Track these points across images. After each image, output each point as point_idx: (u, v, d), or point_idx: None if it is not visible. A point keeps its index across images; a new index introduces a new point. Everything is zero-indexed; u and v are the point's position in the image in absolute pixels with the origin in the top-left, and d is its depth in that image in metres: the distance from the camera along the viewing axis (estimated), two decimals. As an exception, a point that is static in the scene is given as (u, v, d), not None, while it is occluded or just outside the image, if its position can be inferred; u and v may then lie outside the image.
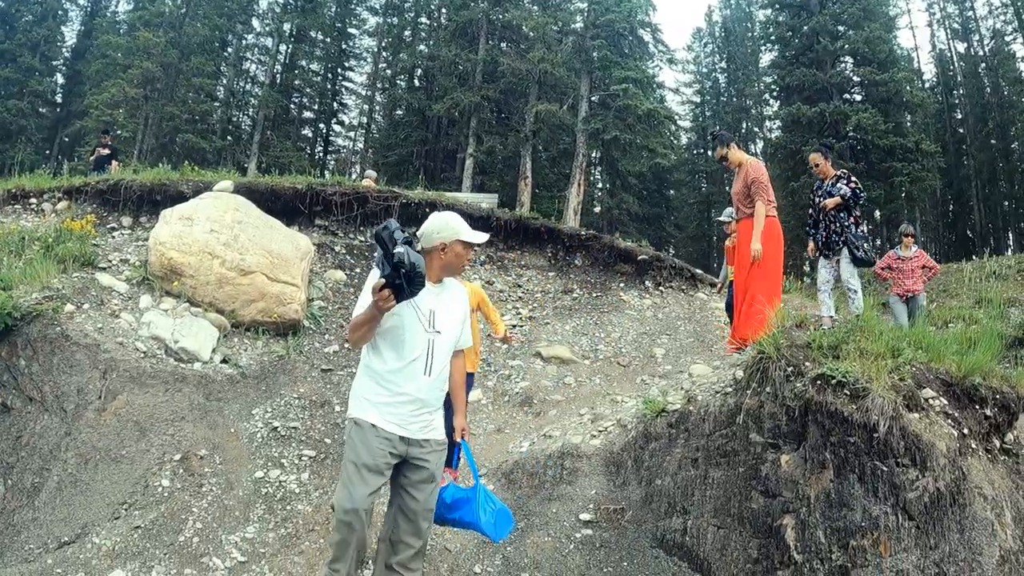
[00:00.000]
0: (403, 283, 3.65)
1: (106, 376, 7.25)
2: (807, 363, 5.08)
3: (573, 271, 13.32)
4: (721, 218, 10.04)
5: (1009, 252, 32.16)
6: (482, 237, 4.47)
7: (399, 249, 3.65)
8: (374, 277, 3.92)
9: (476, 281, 12.29)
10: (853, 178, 8.66)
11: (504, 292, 12.21)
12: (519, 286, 12.52)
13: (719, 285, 10.34)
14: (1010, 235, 47.67)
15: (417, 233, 4.33)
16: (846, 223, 8.51)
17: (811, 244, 9.00)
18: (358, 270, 11.41)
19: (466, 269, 12.41)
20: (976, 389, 5.31)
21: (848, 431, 4.61)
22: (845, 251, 8.48)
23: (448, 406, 4.53)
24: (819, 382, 4.84)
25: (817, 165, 9.01)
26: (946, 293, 17.91)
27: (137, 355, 7.78)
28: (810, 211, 9.09)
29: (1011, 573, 4.64)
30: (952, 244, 44.69)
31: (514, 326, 11.03)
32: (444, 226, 4.31)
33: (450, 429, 4.53)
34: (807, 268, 18.81)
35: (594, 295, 12.60)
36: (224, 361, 8.48)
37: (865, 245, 8.48)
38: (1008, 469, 5.47)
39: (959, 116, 50.69)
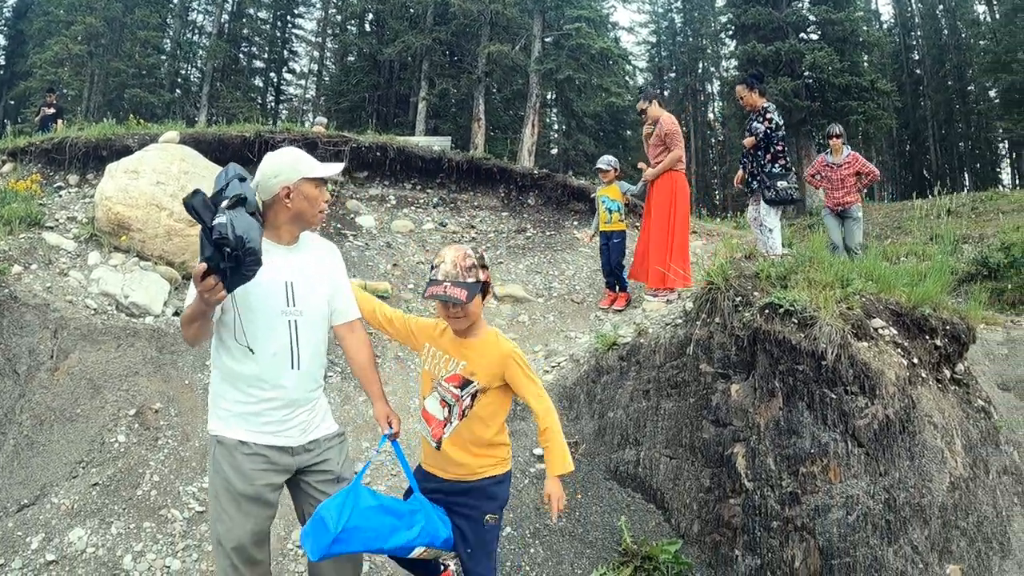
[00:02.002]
0: (231, 266, 2.84)
1: (57, 335, 7.15)
2: (755, 293, 5.12)
3: (526, 210, 13.28)
4: (599, 165, 9.99)
5: (965, 192, 32.79)
6: (334, 169, 3.62)
7: (220, 219, 2.82)
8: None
9: (428, 223, 12.28)
10: (770, 114, 8.67)
11: (457, 233, 12.15)
12: (472, 227, 12.46)
13: (590, 234, 10.34)
14: (966, 175, 48.51)
15: (252, 183, 3.33)
16: (762, 161, 8.63)
17: (740, 172, 9.17)
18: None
19: (414, 213, 12.47)
20: (926, 320, 5.41)
21: (796, 359, 4.66)
22: (761, 191, 8.64)
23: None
24: (767, 311, 4.87)
25: (742, 97, 9.04)
26: (900, 230, 18.17)
27: (87, 312, 7.69)
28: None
29: (961, 499, 4.77)
30: (908, 184, 45.26)
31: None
32: (284, 165, 3.40)
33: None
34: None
35: (548, 234, 12.56)
36: (176, 314, 8.35)
37: (780, 183, 8.51)
38: (958, 399, 5.60)
39: (916, 57, 51.26)
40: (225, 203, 2.93)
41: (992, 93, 43.18)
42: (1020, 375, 7.72)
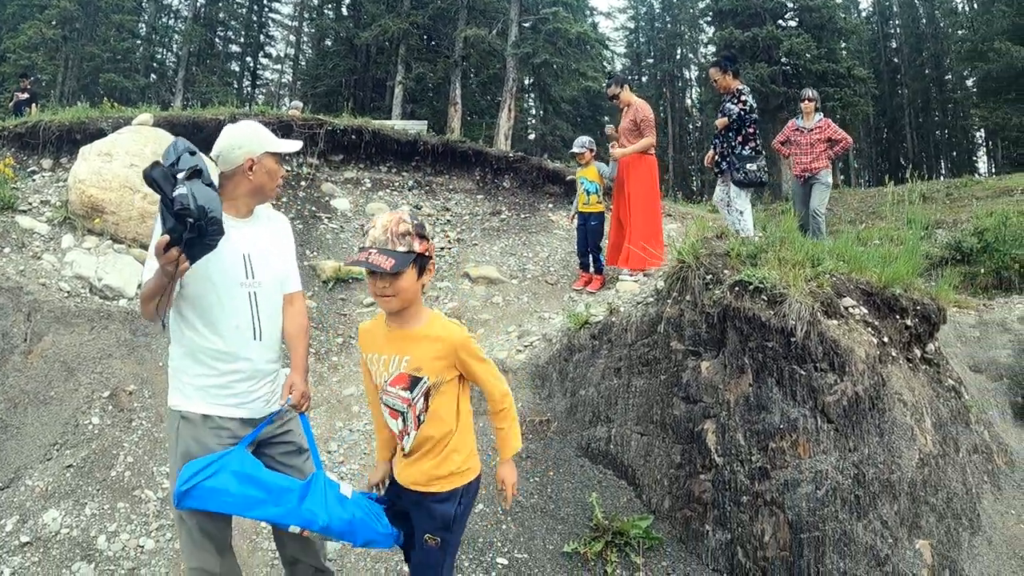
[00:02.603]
0: (194, 236, 2.85)
1: (31, 318, 7.12)
2: (726, 271, 5.17)
3: (501, 193, 13.26)
4: (574, 149, 9.90)
5: (941, 179, 33.22)
6: (295, 145, 3.67)
7: (180, 190, 2.83)
8: (158, 231, 3.11)
9: (403, 206, 12.27)
10: (744, 96, 8.70)
11: (432, 216, 12.16)
12: (447, 209, 12.46)
13: (572, 215, 10.30)
14: (942, 163, 48.97)
15: (212, 155, 3.43)
16: (733, 143, 8.70)
17: (710, 152, 9.23)
18: (283, 199, 11.22)
19: (389, 196, 12.46)
20: (896, 299, 5.51)
21: (766, 336, 4.70)
22: (731, 172, 8.71)
23: None
24: (737, 288, 4.91)
25: (716, 80, 9.08)
26: (875, 215, 18.30)
27: (61, 295, 7.66)
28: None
29: (930, 476, 4.85)
30: (885, 171, 45.66)
31: (442, 248, 11.05)
32: (246, 137, 3.42)
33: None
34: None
35: (522, 216, 12.57)
36: (151, 296, 8.34)
37: (749, 166, 8.54)
38: (929, 378, 5.70)
39: (894, 46, 51.67)
40: (182, 174, 2.93)
41: (969, 82, 43.55)
42: (992, 357, 7.84)
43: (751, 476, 4.54)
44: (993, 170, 45.46)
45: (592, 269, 9.58)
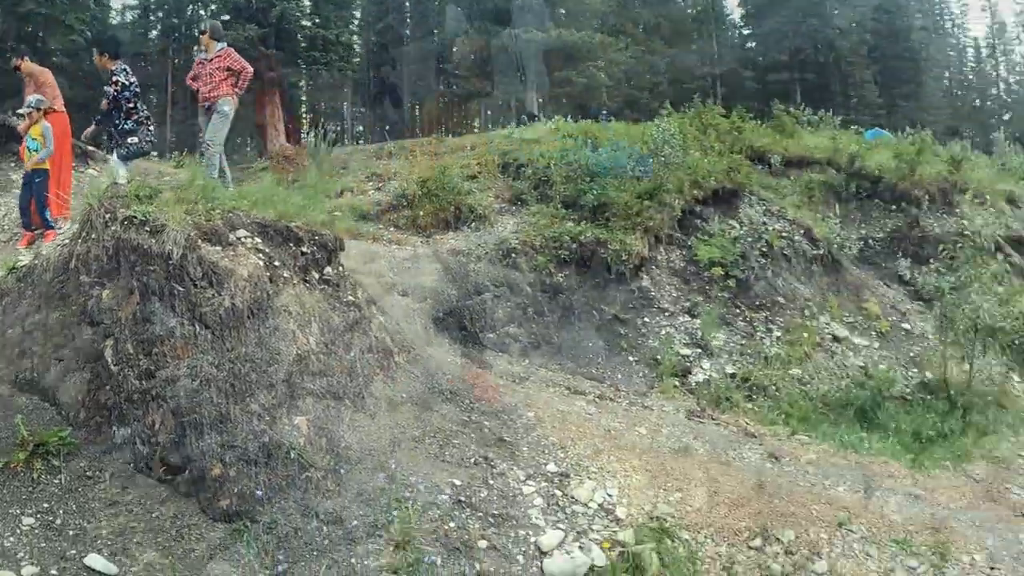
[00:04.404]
0: None
1: None
2: (122, 209, 6.00)
3: None
4: (20, 110, 9.90)
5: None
6: None
7: None
8: None
9: None
10: (117, 76, 9.13)
11: None
12: None
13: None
14: (447, 123, 52.56)
15: None
16: (116, 120, 9.26)
17: (90, 128, 9.96)
18: None
19: None
20: (291, 231, 6.70)
21: (149, 262, 5.67)
22: (115, 148, 9.49)
23: None
24: (126, 223, 5.81)
25: (96, 60, 9.86)
26: (346, 169, 19.89)
27: None
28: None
29: (308, 368, 6.09)
30: (386, 132, 48.42)
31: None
32: None
33: None
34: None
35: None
36: None
37: (131, 139, 9.12)
38: (325, 295, 6.97)
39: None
40: None
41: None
42: (419, 283, 9.58)
43: (139, 377, 5.49)
44: (489, 127, 50.07)
45: (43, 226, 9.71)
